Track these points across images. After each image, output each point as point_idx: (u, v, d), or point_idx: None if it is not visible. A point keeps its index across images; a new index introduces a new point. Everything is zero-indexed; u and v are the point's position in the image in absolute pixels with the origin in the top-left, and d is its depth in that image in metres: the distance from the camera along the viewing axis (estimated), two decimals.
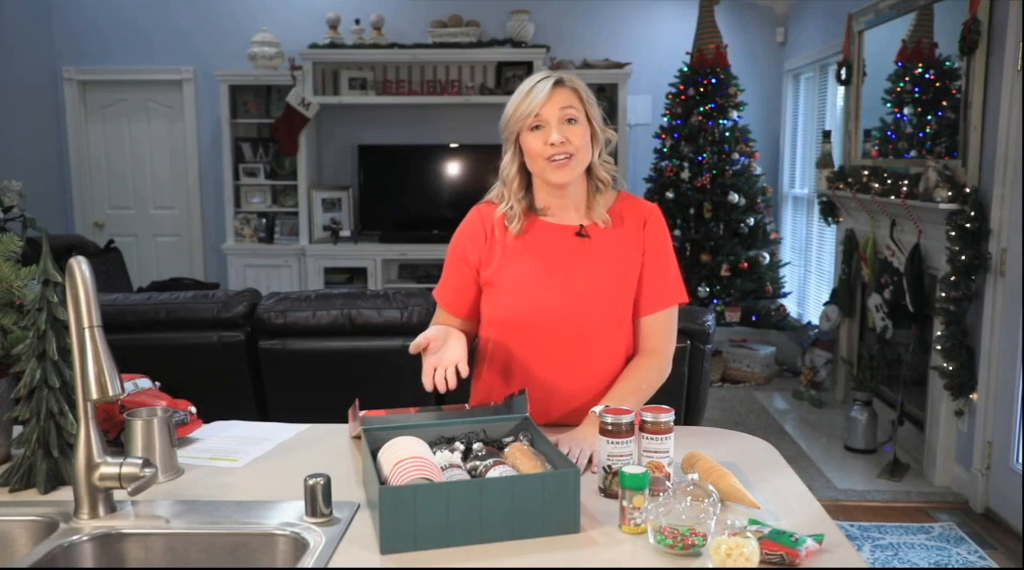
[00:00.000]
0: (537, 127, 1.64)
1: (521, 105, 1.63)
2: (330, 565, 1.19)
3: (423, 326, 2.95)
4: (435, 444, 1.47)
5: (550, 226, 1.73)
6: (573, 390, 1.71)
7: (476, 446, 1.45)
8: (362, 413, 1.57)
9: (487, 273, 1.74)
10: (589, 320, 1.69)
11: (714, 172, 5.35)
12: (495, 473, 1.33)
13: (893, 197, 3.85)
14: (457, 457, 1.41)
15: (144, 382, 1.75)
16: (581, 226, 1.72)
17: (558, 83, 1.64)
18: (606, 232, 1.72)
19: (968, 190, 3.41)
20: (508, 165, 1.71)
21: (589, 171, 1.70)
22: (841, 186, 4.49)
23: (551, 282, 1.70)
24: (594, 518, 1.32)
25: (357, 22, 5.89)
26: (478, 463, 1.38)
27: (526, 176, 1.72)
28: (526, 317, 1.70)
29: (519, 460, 1.38)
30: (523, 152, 1.68)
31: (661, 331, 1.74)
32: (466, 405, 1.72)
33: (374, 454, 1.40)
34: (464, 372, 1.55)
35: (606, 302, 1.70)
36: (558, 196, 1.71)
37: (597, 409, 1.53)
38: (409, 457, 1.32)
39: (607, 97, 5.94)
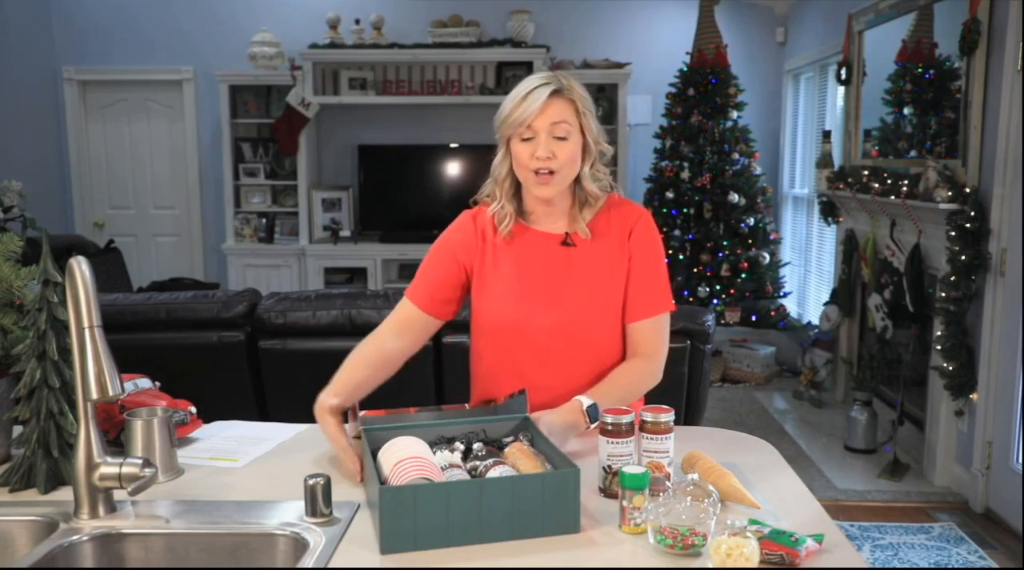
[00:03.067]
0: (527, 138, 1.61)
1: (515, 111, 1.60)
2: (330, 565, 1.19)
3: None
4: (435, 444, 1.47)
5: (536, 234, 1.72)
6: (568, 392, 1.70)
7: (476, 446, 1.45)
8: (362, 413, 1.57)
9: (476, 279, 1.74)
10: (576, 328, 1.68)
11: (714, 172, 5.35)
12: (495, 473, 1.33)
13: (893, 197, 3.85)
14: (457, 457, 1.41)
15: (144, 382, 1.75)
16: (566, 235, 1.71)
17: (556, 93, 1.60)
18: (592, 240, 1.70)
19: (968, 190, 3.41)
20: (500, 165, 1.70)
21: (578, 182, 1.68)
22: (841, 186, 4.49)
23: (536, 291, 1.69)
24: (594, 518, 1.32)
25: (357, 22, 5.90)
26: (478, 463, 1.38)
27: (516, 177, 1.70)
28: (513, 326, 1.69)
29: (519, 460, 1.38)
30: (512, 157, 1.66)
31: (651, 336, 1.71)
32: (466, 405, 1.71)
33: (374, 454, 1.40)
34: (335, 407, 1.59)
35: (593, 310, 1.69)
36: (544, 204, 1.70)
37: (584, 401, 1.56)
38: (409, 457, 1.32)
39: (607, 97, 5.94)
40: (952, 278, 3.43)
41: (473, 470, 1.37)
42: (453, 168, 6.17)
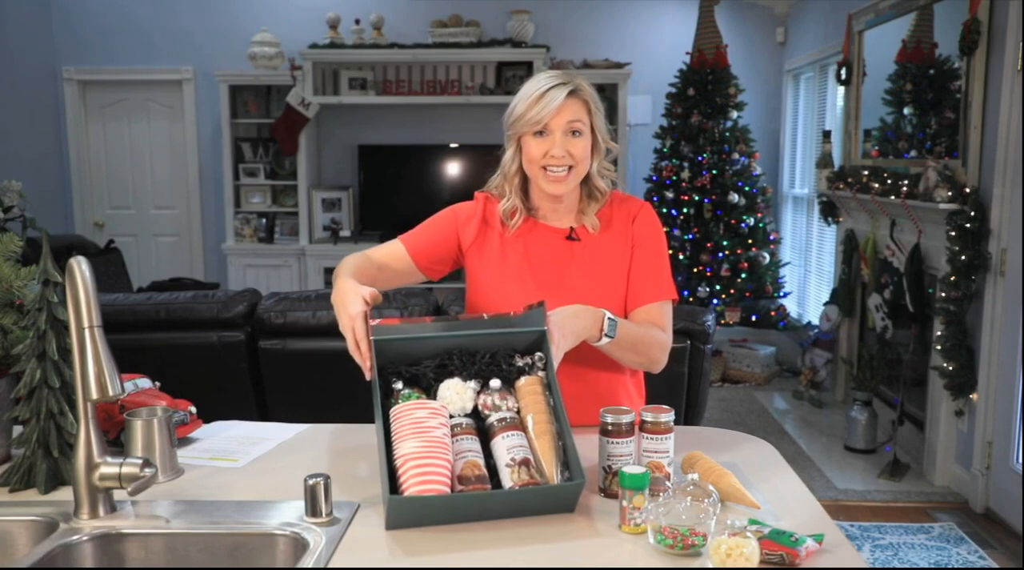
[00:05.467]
0: (541, 133, 1.64)
1: (530, 110, 1.62)
2: (330, 565, 1.19)
3: None
4: (447, 367, 1.46)
5: (542, 228, 1.75)
6: (569, 390, 1.70)
7: (493, 383, 1.44)
8: (376, 321, 1.47)
9: (476, 269, 1.76)
10: None
11: (714, 172, 5.35)
12: (502, 446, 1.34)
13: (893, 197, 3.85)
14: (469, 395, 1.41)
15: (144, 382, 1.75)
16: (571, 229, 1.74)
17: (572, 93, 1.63)
18: (596, 234, 1.73)
19: (968, 190, 3.41)
20: (509, 162, 1.72)
21: (586, 179, 1.72)
22: (841, 186, 4.49)
23: (540, 284, 1.71)
24: (594, 518, 1.32)
25: (357, 22, 5.90)
26: (489, 413, 1.40)
27: (526, 173, 1.72)
28: None
29: (529, 411, 1.39)
30: (522, 153, 1.69)
31: (656, 314, 1.72)
32: (484, 315, 1.62)
33: (381, 369, 1.43)
34: (373, 296, 1.48)
35: (596, 302, 1.69)
36: (552, 201, 1.73)
37: (608, 313, 1.56)
38: (420, 455, 1.29)
39: (607, 97, 5.94)
40: (952, 278, 3.43)
41: (483, 413, 1.41)
42: (453, 168, 6.17)
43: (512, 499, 1.30)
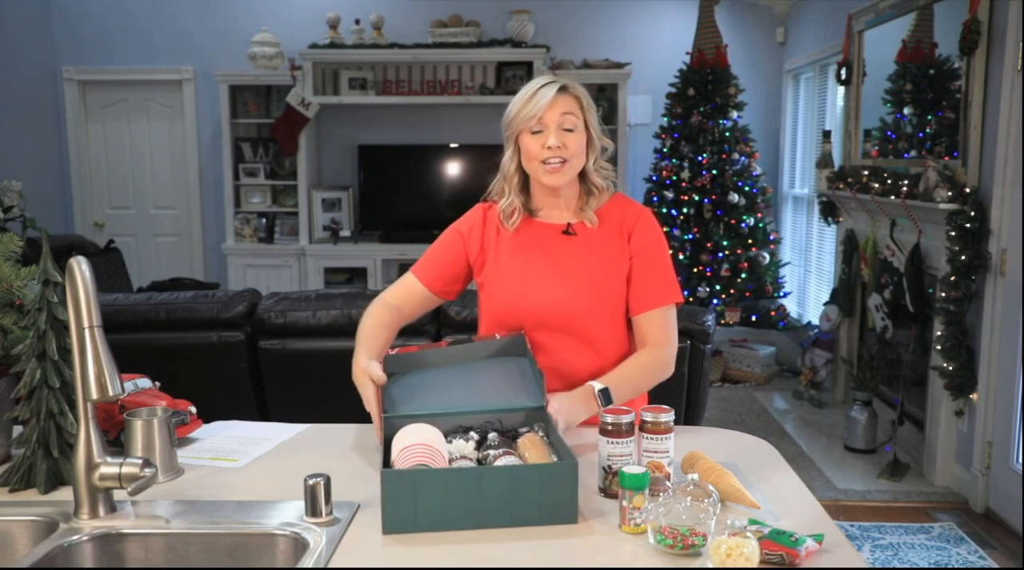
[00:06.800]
0: (537, 131, 1.69)
1: (524, 109, 1.69)
2: (330, 565, 1.19)
3: (422, 326, 2.96)
4: (451, 433, 1.50)
5: (540, 225, 1.79)
6: (572, 383, 1.72)
7: (491, 436, 1.46)
8: (394, 351, 1.61)
9: (481, 274, 1.81)
10: (580, 311, 1.73)
11: (714, 172, 5.35)
12: (501, 463, 1.36)
13: (893, 197, 3.85)
14: (471, 446, 1.44)
15: (144, 382, 1.75)
16: (568, 224, 1.78)
17: (562, 90, 1.69)
18: (593, 230, 1.77)
19: (968, 190, 3.41)
20: (508, 162, 1.78)
21: (583, 175, 1.77)
22: (841, 186, 4.49)
23: (541, 275, 1.75)
24: (594, 518, 1.32)
25: (357, 22, 5.90)
26: (489, 452, 1.41)
27: (525, 174, 1.77)
28: (520, 310, 1.74)
29: (529, 451, 1.40)
30: (521, 152, 1.73)
31: (658, 326, 1.75)
32: (497, 335, 1.72)
33: (388, 436, 1.47)
34: (378, 379, 1.59)
35: (595, 293, 1.74)
36: (552, 196, 1.77)
37: (596, 385, 1.62)
38: (415, 443, 1.35)
39: (607, 97, 5.94)
40: (952, 278, 3.43)
41: (483, 459, 1.40)
42: (453, 168, 6.17)
43: (508, 477, 1.29)
